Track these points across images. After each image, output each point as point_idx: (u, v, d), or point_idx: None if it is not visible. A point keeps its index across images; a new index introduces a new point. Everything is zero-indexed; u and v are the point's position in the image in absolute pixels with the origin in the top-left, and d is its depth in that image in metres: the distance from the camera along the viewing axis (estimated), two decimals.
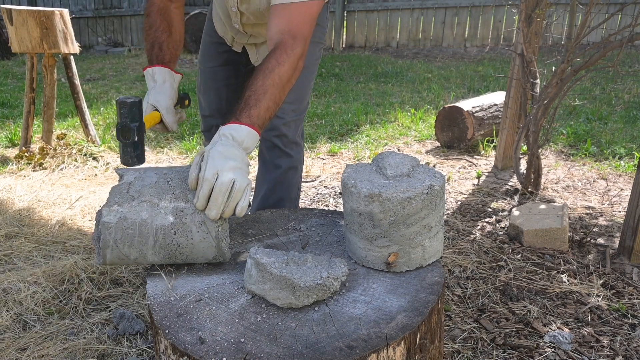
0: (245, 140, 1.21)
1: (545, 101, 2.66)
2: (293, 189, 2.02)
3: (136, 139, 1.30)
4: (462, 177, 3.28)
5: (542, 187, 2.97)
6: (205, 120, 2.14)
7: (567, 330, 1.77)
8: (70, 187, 3.17)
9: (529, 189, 2.90)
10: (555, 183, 3.11)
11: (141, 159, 1.35)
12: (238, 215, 1.13)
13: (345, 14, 8.42)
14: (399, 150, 3.88)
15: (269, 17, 1.47)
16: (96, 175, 3.43)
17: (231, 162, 1.14)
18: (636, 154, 3.45)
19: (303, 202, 2.96)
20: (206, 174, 1.11)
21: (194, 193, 1.16)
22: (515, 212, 2.47)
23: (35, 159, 3.54)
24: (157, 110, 1.44)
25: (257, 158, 2.09)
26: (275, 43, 1.40)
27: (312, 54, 1.85)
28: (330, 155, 3.79)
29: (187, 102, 1.61)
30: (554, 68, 2.64)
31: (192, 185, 1.15)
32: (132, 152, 1.32)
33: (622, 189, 3.00)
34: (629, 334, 1.76)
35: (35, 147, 3.77)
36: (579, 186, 3.07)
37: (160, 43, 1.53)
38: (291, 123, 1.89)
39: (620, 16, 6.59)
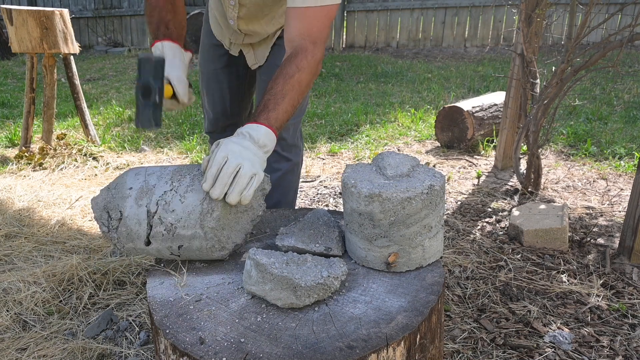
0: (262, 138, 1.21)
1: (545, 101, 2.66)
2: (290, 191, 2.01)
3: (157, 100, 1.23)
4: (462, 177, 3.28)
5: (542, 187, 2.97)
6: (209, 122, 2.12)
7: (567, 330, 1.77)
8: (70, 187, 3.17)
9: (529, 189, 2.90)
10: (555, 183, 3.11)
11: (159, 122, 1.27)
12: (242, 202, 1.14)
13: (345, 14, 8.42)
14: (399, 150, 3.88)
15: (287, 19, 1.46)
16: (96, 175, 3.43)
17: (243, 150, 1.15)
18: (636, 154, 3.45)
19: (303, 202, 2.96)
20: (217, 156, 1.13)
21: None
22: (515, 212, 2.47)
23: (35, 159, 3.54)
24: (169, 83, 1.37)
25: None
26: (295, 47, 1.40)
27: None
28: (330, 155, 3.79)
29: (190, 85, 1.54)
30: (554, 68, 2.64)
31: (203, 167, 1.16)
32: (150, 114, 1.24)
33: (622, 189, 3.00)
34: (629, 334, 1.76)
35: (35, 147, 3.77)
36: (579, 186, 3.07)
37: (167, 22, 1.46)
38: (290, 126, 1.89)
39: (620, 16, 6.59)
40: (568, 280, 2.05)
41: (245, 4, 1.72)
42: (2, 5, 3.60)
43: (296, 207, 2.61)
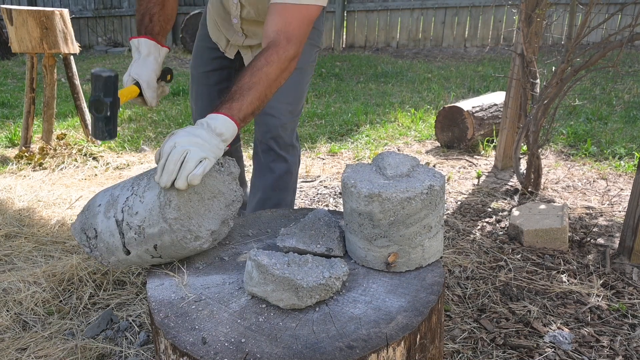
0: (219, 126, 1.21)
1: (545, 101, 2.66)
2: (289, 193, 2.00)
3: (109, 114, 1.28)
4: (462, 177, 3.28)
5: (542, 187, 2.98)
6: None
7: (567, 330, 1.77)
8: (70, 187, 3.17)
9: (529, 189, 2.90)
10: (555, 183, 3.11)
11: (112, 134, 1.32)
12: (190, 183, 1.13)
13: (345, 14, 8.42)
14: (399, 150, 3.88)
15: (268, 16, 1.47)
16: (96, 175, 3.44)
17: (192, 138, 1.15)
18: (636, 154, 3.45)
19: (303, 202, 2.96)
20: (165, 147, 1.14)
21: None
22: (515, 212, 2.47)
23: (35, 159, 3.54)
24: (137, 83, 1.42)
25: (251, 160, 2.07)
26: (269, 42, 1.40)
27: (308, 57, 1.85)
28: (330, 155, 3.79)
29: (169, 76, 1.59)
30: (554, 68, 2.64)
31: (156, 159, 1.17)
32: (103, 127, 1.30)
33: (622, 189, 3.00)
34: (629, 334, 1.76)
35: (35, 147, 3.77)
36: (579, 186, 3.07)
37: (152, 15, 1.51)
38: (288, 125, 1.89)
39: (620, 16, 6.59)
40: (568, 280, 2.06)
41: (245, 4, 1.73)
42: (2, 5, 3.60)
43: (296, 207, 2.61)
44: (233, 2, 1.75)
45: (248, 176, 2.48)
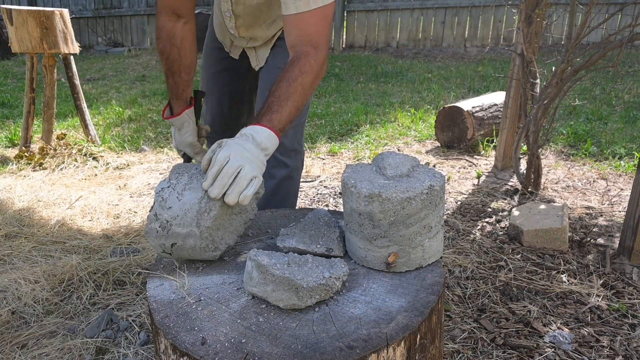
0: (264, 141, 1.22)
1: (545, 101, 2.66)
2: (289, 198, 1.98)
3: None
4: (462, 177, 3.28)
5: (542, 187, 2.98)
6: (207, 125, 2.12)
7: (567, 330, 1.77)
8: (70, 187, 3.17)
9: (529, 189, 2.90)
10: (555, 183, 3.11)
11: None
12: (241, 202, 1.14)
13: (345, 14, 8.43)
14: (399, 150, 3.88)
15: (284, 26, 1.47)
16: (96, 175, 3.44)
17: (245, 152, 1.17)
18: (636, 154, 3.45)
19: (303, 202, 2.96)
20: (219, 156, 1.15)
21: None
22: (515, 212, 2.47)
23: (35, 159, 3.54)
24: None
25: None
26: (297, 52, 1.41)
27: None
28: (330, 155, 3.79)
29: (202, 99, 1.72)
30: (554, 68, 2.64)
31: (204, 166, 1.18)
32: None
33: (622, 189, 3.00)
34: (629, 334, 1.76)
35: (35, 147, 3.77)
36: (579, 186, 3.07)
37: (173, 72, 1.63)
38: (289, 130, 1.87)
39: (620, 16, 6.59)
40: (568, 280, 2.06)
41: (239, 14, 1.73)
42: (2, 5, 3.60)
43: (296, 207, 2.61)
44: (226, 15, 1.75)
45: None
